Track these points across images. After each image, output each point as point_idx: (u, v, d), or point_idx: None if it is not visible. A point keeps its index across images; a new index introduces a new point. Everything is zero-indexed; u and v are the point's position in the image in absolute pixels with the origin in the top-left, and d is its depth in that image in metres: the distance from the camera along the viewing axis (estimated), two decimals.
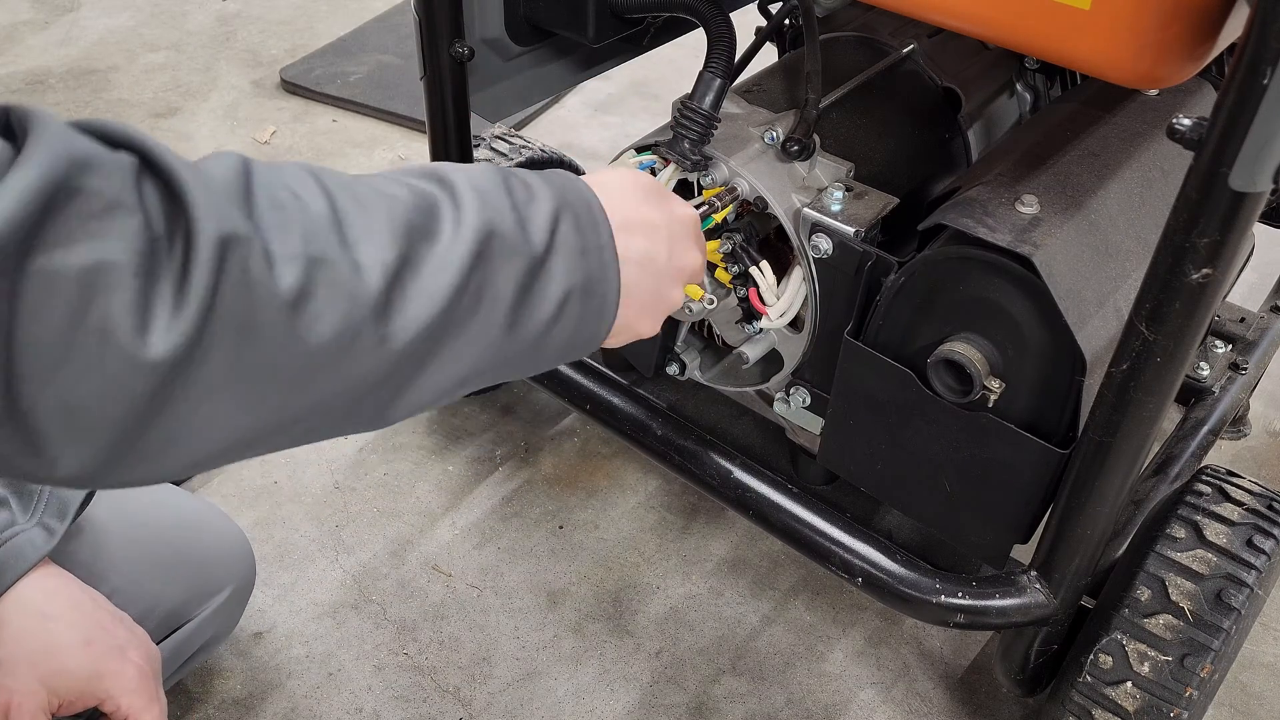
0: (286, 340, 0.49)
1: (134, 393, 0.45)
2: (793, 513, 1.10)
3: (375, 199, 0.55)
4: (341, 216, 0.52)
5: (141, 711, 0.86)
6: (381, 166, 2.25)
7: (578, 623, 1.37)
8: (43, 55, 2.57)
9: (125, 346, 0.44)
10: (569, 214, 0.63)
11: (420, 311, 0.54)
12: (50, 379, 0.43)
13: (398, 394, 0.56)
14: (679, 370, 1.21)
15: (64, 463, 0.46)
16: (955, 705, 1.30)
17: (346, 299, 0.51)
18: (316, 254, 0.50)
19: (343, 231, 0.52)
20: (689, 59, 1.19)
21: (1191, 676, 0.96)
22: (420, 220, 0.55)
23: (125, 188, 0.45)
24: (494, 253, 0.57)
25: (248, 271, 0.47)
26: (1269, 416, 1.72)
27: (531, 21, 1.18)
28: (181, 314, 0.45)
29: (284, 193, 0.51)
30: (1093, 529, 0.93)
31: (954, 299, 0.95)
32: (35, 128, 0.44)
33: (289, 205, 0.50)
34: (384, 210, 0.54)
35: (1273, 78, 0.63)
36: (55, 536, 0.89)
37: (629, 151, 1.06)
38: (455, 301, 0.55)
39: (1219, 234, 0.71)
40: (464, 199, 0.58)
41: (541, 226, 0.60)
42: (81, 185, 0.44)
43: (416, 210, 0.56)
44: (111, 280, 0.43)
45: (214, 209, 0.47)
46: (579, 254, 0.62)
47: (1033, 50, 0.85)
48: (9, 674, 0.83)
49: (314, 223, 0.51)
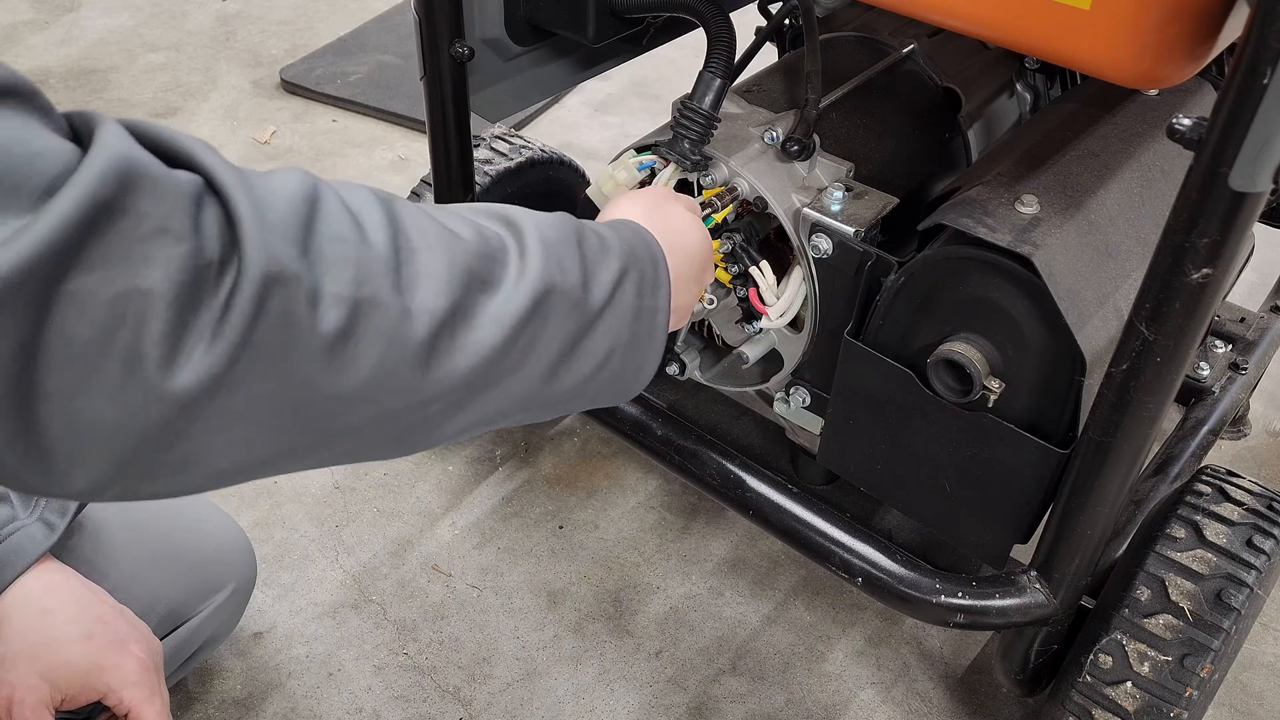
0: (317, 380, 0.48)
1: (151, 421, 0.44)
2: (793, 513, 1.10)
3: (439, 238, 0.53)
4: (401, 255, 0.50)
5: (143, 704, 0.86)
6: (381, 166, 2.25)
7: (578, 623, 1.37)
8: (43, 55, 2.57)
9: (150, 376, 0.43)
10: (634, 274, 0.62)
11: (464, 363, 0.53)
12: (69, 400, 0.42)
13: (421, 433, 0.55)
14: (679, 370, 1.21)
15: (71, 481, 0.45)
16: (955, 705, 1.30)
17: (388, 343, 0.49)
18: (367, 296, 0.48)
19: (399, 272, 0.50)
20: (689, 59, 1.19)
21: (1191, 676, 0.96)
22: (481, 267, 0.54)
23: (178, 212, 0.44)
24: (551, 310, 0.56)
25: (290, 312, 0.46)
26: (1269, 416, 1.72)
27: (531, 21, 1.18)
28: (214, 349, 0.44)
29: (347, 225, 0.49)
30: (1093, 529, 0.93)
31: (954, 299, 0.95)
32: (98, 137, 0.42)
33: (349, 239, 0.49)
34: (445, 252, 0.52)
35: (1273, 78, 0.63)
36: (56, 532, 0.89)
37: (629, 151, 1.06)
38: (501, 355, 0.54)
39: (1219, 234, 0.71)
40: (530, 249, 0.56)
41: (605, 286, 0.60)
42: (130, 206, 0.42)
43: (479, 256, 0.54)
44: (145, 308, 0.42)
45: (265, 244, 0.45)
46: (633, 316, 0.62)
47: (1033, 50, 0.85)
48: (10, 669, 0.83)
49: (371, 261, 0.49)
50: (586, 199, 1.10)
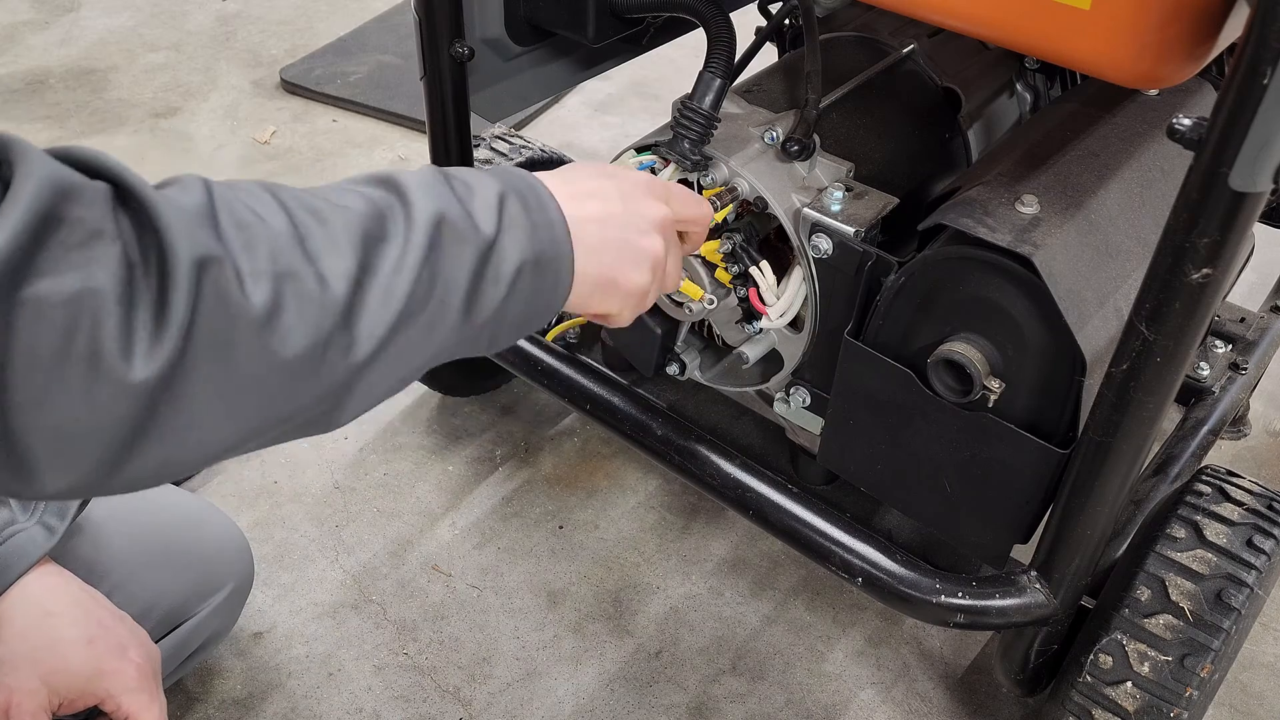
0: (262, 354, 0.51)
1: (121, 415, 0.46)
2: (793, 513, 1.10)
3: (330, 211, 0.56)
4: (302, 231, 0.54)
5: (142, 710, 0.86)
6: (382, 166, 2.25)
7: (578, 623, 1.37)
8: (43, 55, 2.57)
9: (113, 370, 0.45)
10: (514, 196, 0.65)
11: (383, 312, 0.56)
12: (40, 404, 0.44)
13: (356, 390, 0.58)
14: (679, 370, 1.21)
15: (51, 482, 0.47)
16: (955, 705, 1.30)
17: (315, 309, 0.53)
18: (284, 270, 0.52)
19: (305, 246, 0.53)
20: (689, 59, 1.19)
21: (1191, 676, 0.96)
22: (375, 227, 0.57)
23: (105, 216, 0.47)
24: (445, 242, 0.59)
25: (223, 291, 0.49)
26: (1269, 416, 1.72)
27: (531, 21, 1.18)
28: (163, 336, 0.46)
29: (245, 212, 0.52)
30: (1093, 529, 0.93)
31: (954, 299, 0.95)
32: (20, 158, 0.45)
33: (252, 224, 0.52)
34: (340, 221, 0.56)
35: (1273, 78, 0.63)
36: (55, 535, 0.89)
37: (629, 151, 1.06)
38: (413, 295, 0.57)
39: (1219, 234, 0.71)
40: (412, 198, 0.60)
41: (488, 210, 0.62)
42: (66, 214, 0.45)
43: (370, 218, 0.58)
44: (97, 306, 0.45)
45: (187, 233, 0.48)
46: (528, 231, 0.64)
47: (1033, 50, 0.85)
48: (10, 672, 0.83)
49: (277, 239, 0.52)
50: None
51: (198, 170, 1.97)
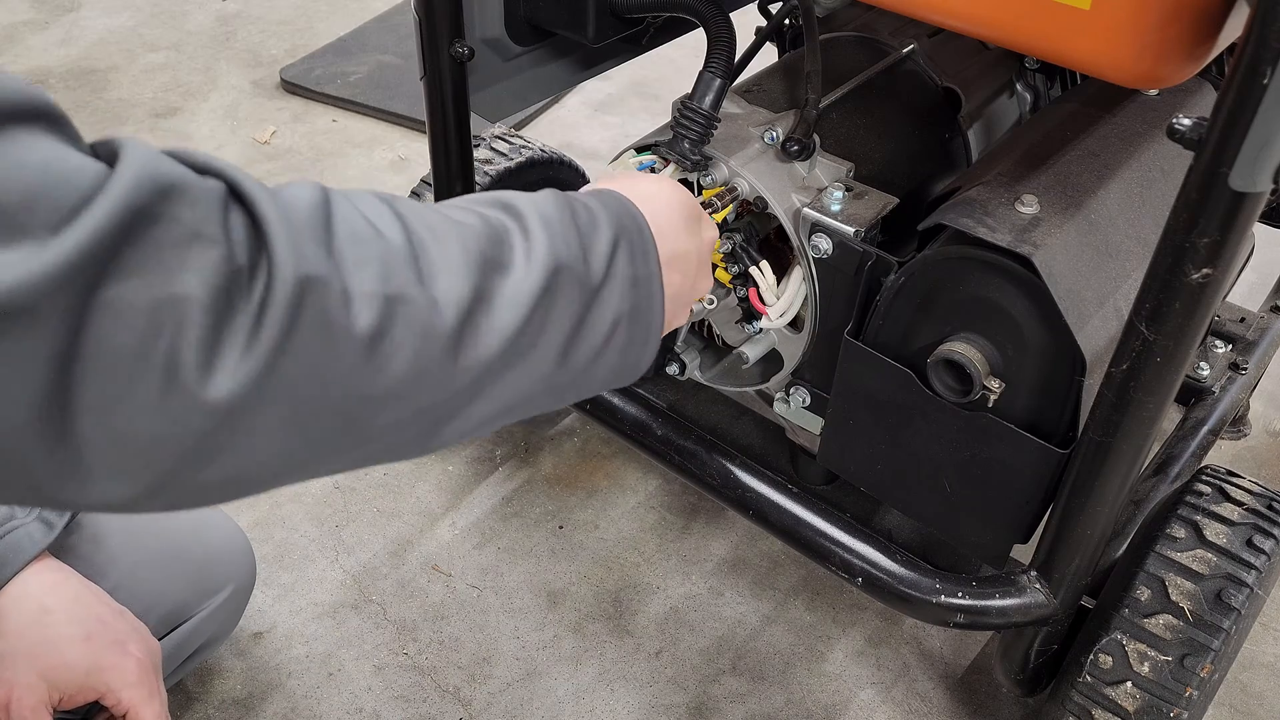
0: (356, 380, 0.48)
1: (189, 431, 0.43)
2: (793, 513, 1.10)
3: (448, 228, 0.54)
4: (418, 248, 0.51)
5: (142, 705, 0.86)
6: (381, 166, 2.25)
7: (578, 623, 1.37)
8: (43, 55, 2.57)
9: (189, 385, 0.42)
10: (625, 242, 0.62)
11: (489, 347, 0.53)
12: (108, 411, 0.41)
13: (451, 425, 0.55)
14: (679, 370, 1.21)
15: (109, 493, 0.44)
16: (955, 705, 1.30)
17: (421, 336, 0.50)
18: (395, 291, 0.49)
19: (419, 265, 0.50)
20: (689, 59, 1.19)
21: (1191, 676, 0.96)
22: (493, 250, 0.55)
23: (210, 218, 0.43)
24: (560, 286, 0.57)
25: (324, 313, 0.46)
26: (1269, 416, 1.72)
27: (531, 21, 1.18)
28: (251, 355, 0.43)
29: (362, 224, 0.50)
30: (1093, 529, 0.93)
31: (954, 299, 0.95)
32: (124, 152, 0.43)
33: (367, 239, 0.49)
34: (457, 240, 0.53)
35: (1273, 78, 0.63)
36: (54, 531, 0.89)
37: (629, 151, 1.06)
38: (521, 335, 0.55)
39: (1219, 234, 0.71)
40: (533, 228, 0.57)
41: (602, 255, 0.60)
42: (164, 212, 0.42)
43: (489, 240, 0.55)
44: (182, 315, 0.42)
45: (295, 246, 0.45)
46: (631, 284, 0.62)
47: (1033, 50, 0.85)
48: (9, 668, 0.83)
49: (392, 256, 0.50)
50: None
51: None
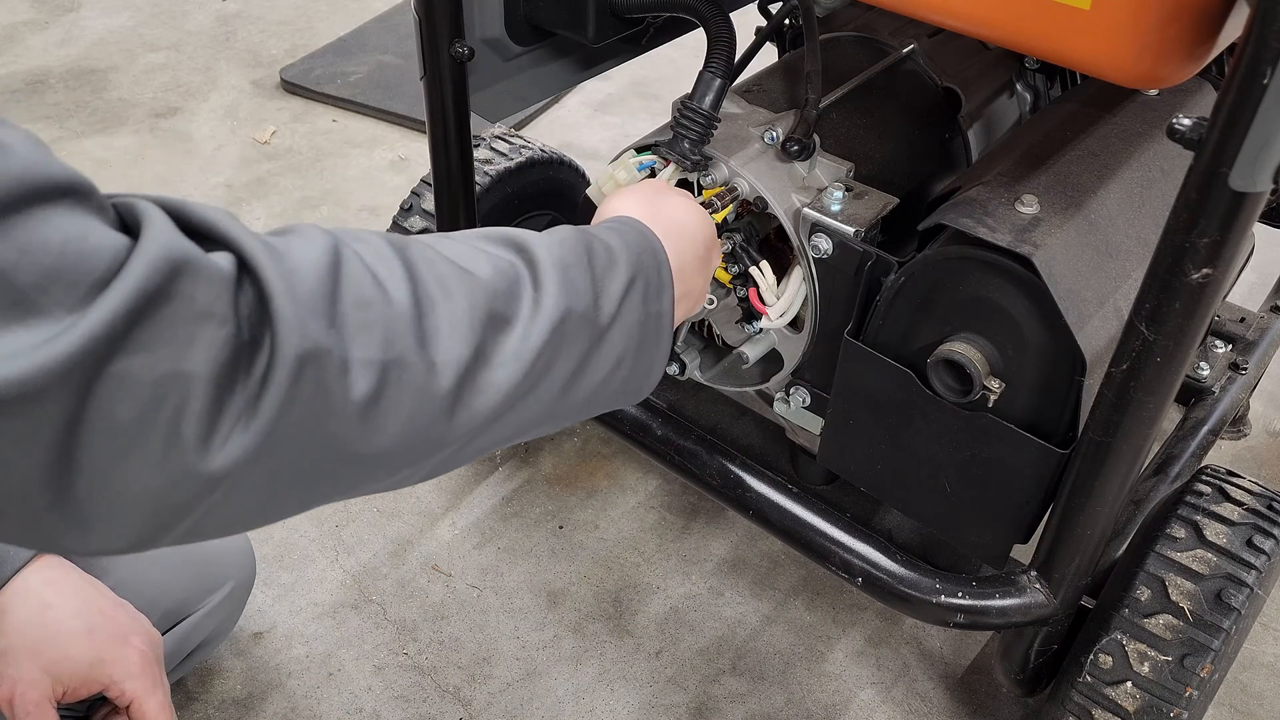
0: (349, 441, 0.49)
1: (186, 493, 0.45)
2: (793, 513, 1.10)
3: (457, 281, 0.54)
4: (424, 307, 0.52)
5: (145, 696, 0.86)
6: (381, 166, 2.25)
7: (578, 623, 1.37)
8: (43, 55, 2.57)
9: (187, 455, 0.44)
10: (640, 283, 0.63)
11: (486, 403, 0.54)
12: (108, 474, 0.43)
13: (442, 464, 0.56)
14: (679, 370, 1.21)
15: (109, 543, 0.46)
16: (955, 705, 1.30)
17: (416, 399, 0.51)
18: (395, 357, 0.50)
19: (422, 326, 0.51)
20: (689, 59, 1.19)
21: (1191, 676, 0.96)
22: (500, 305, 0.55)
23: (220, 296, 0.45)
24: (567, 332, 0.58)
25: (322, 384, 0.47)
26: (1269, 416, 1.72)
27: (531, 21, 1.18)
28: (249, 428, 0.45)
29: (368, 286, 0.50)
30: (1093, 529, 0.93)
31: (954, 299, 0.95)
32: (145, 227, 0.43)
33: (373, 301, 0.50)
34: (465, 295, 0.53)
35: (1273, 78, 0.63)
36: None
37: (629, 151, 1.06)
38: (520, 385, 0.55)
39: (1219, 234, 0.71)
40: (545, 277, 0.57)
41: (614, 297, 0.61)
42: (178, 290, 0.43)
43: (497, 294, 0.55)
44: (186, 390, 0.43)
45: (299, 322, 0.46)
46: (639, 323, 0.63)
47: (1033, 50, 0.85)
48: (12, 663, 0.83)
49: (395, 320, 0.50)
50: (586, 199, 1.10)
51: (198, 170, 1.98)
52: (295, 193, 2.17)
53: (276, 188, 2.18)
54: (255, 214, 2.10)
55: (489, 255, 0.57)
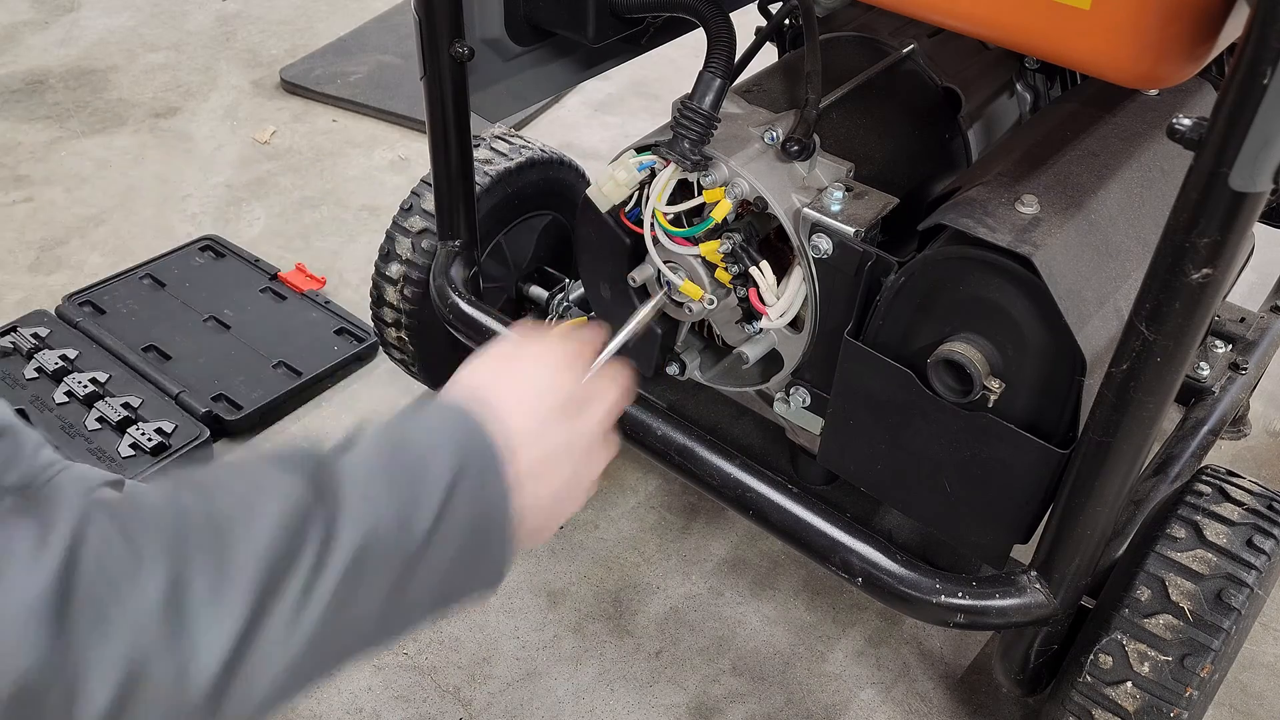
0: None
1: None
2: (793, 513, 1.10)
3: (235, 533, 0.48)
4: (180, 588, 0.46)
5: None
6: (381, 166, 2.25)
7: (578, 623, 1.37)
8: (43, 55, 2.57)
9: None
10: (466, 481, 0.56)
11: (262, 686, 0.48)
12: None
13: None
14: (679, 370, 1.21)
15: None
16: (955, 705, 1.30)
17: (168, 710, 0.46)
18: (135, 669, 0.44)
19: (180, 612, 0.45)
20: (689, 59, 1.19)
21: (1191, 676, 0.96)
22: (282, 555, 0.48)
23: None
24: (367, 568, 0.51)
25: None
26: (1269, 416, 1.72)
27: (531, 21, 1.18)
28: None
29: (111, 577, 0.44)
30: (1093, 529, 0.93)
31: (954, 299, 0.95)
32: None
33: (107, 600, 0.44)
34: (243, 549, 0.48)
35: (1273, 78, 0.63)
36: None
37: (629, 151, 1.06)
38: (311, 641, 0.50)
39: (1219, 234, 0.71)
40: (340, 509, 0.51)
41: (430, 511, 0.54)
42: None
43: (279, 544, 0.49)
44: None
45: (14, 645, 0.42)
46: (469, 526, 0.56)
47: (1033, 50, 0.85)
48: None
49: (141, 615, 0.45)
50: (586, 199, 1.10)
51: (198, 170, 1.96)
52: (295, 192, 2.17)
53: (276, 187, 2.18)
54: (255, 214, 2.10)
55: (279, 489, 0.51)
